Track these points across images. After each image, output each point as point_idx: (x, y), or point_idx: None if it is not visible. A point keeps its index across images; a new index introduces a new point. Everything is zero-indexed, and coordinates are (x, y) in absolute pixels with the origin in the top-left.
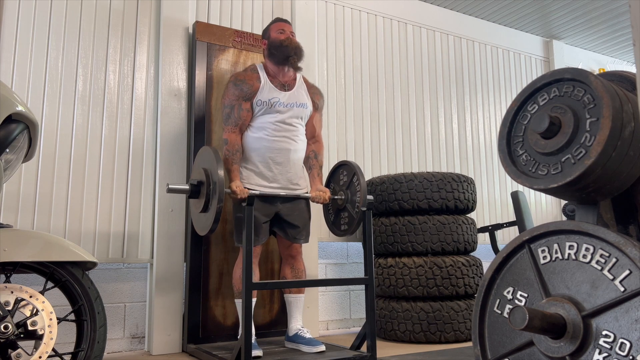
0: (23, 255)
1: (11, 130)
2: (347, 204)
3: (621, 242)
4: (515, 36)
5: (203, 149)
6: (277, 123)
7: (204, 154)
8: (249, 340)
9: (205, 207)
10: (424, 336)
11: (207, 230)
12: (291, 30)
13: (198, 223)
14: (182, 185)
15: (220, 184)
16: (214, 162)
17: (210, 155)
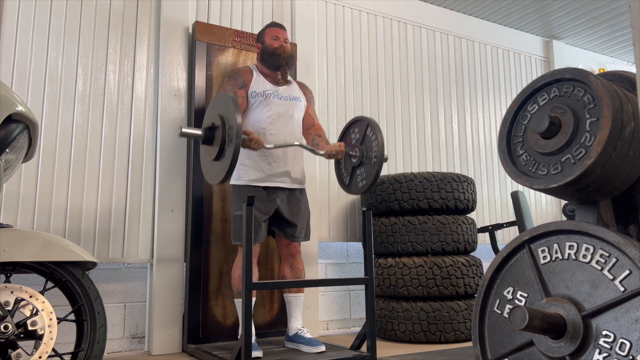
0: (23, 255)
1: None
2: (364, 158)
3: (621, 242)
4: (515, 36)
5: (219, 94)
6: (273, 116)
7: (220, 100)
8: (249, 340)
9: (220, 155)
10: (424, 336)
11: (219, 179)
12: (285, 37)
13: (210, 171)
14: (196, 130)
15: (238, 129)
16: (232, 107)
17: (227, 101)
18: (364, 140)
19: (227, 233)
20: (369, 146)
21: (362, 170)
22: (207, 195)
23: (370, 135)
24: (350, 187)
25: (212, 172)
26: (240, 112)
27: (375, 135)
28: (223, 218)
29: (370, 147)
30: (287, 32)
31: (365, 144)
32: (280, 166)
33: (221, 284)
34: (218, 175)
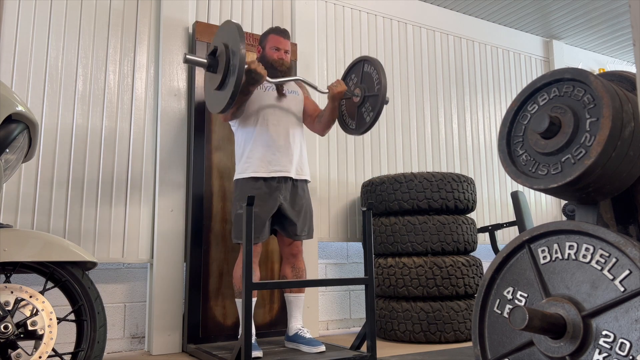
0: (23, 255)
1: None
2: (366, 93)
3: (621, 242)
4: (515, 36)
5: (225, 23)
6: (273, 107)
7: (226, 28)
8: (249, 340)
9: (222, 83)
10: (424, 336)
11: (220, 108)
12: (287, 47)
13: (212, 101)
14: (200, 58)
15: (241, 59)
16: (237, 36)
17: (233, 30)
18: (363, 79)
19: (227, 233)
20: (369, 82)
21: (367, 105)
22: (207, 195)
23: (370, 71)
24: (358, 127)
25: (213, 101)
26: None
27: (376, 69)
28: (223, 218)
29: (372, 81)
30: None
31: (366, 82)
32: (284, 155)
33: (221, 284)
34: (219, 105)
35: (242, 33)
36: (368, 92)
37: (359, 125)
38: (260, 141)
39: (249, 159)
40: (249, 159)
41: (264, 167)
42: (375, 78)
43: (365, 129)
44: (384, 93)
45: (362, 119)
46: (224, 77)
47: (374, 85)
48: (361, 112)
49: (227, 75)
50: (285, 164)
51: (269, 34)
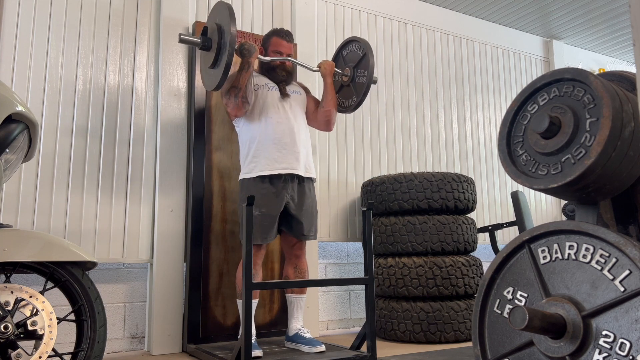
0: (23, 255)
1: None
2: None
3: (621, 242)
4: (515, 36)
5: (217, 3)
6: (277, 104)
7: (218, 8)
8: (249, 340)
9: (215, 61)
10: (424, 336)
11: (214, 85)
12: (289, 52)
13: (206, 78)
14: (194, 37)
15: (232, 38)
16: (227, 17)
17: (224, 10)
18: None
19: (227, 233)
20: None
21: (360, 71)
22: (207, 195)
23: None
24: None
25: (208, 78)
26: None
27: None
28: (223, 218)
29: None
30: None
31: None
32: (291, 153)
33: (221, 284)
34: (213, 83)
35: (233, 12)
36: (356, 71)
37: (358, 91)
38: (265, 140)
39: (255, 158)
40: (255, 158)
41: (271, 165)
42: (357, 48)
43: (365, 90)
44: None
45: (359, 84)
46: (216, 55)
47: (359, 54)
48: (356, 82)
49: (219, 52)
50: (291, 161)
51: (272, 36)
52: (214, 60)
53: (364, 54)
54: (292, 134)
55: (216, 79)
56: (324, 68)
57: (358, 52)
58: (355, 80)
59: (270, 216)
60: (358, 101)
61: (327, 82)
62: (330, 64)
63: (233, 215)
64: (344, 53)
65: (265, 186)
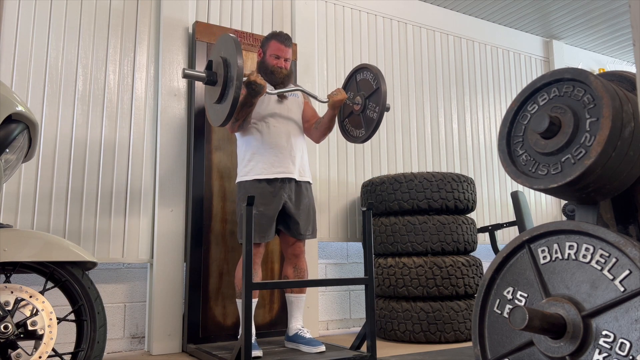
0: (23, 255)
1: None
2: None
3: (621, 242)
4: (515, 36)
5: (222, 36)
6: (274, 109)
7: (223, 41)
8: (249, 340)
9: (221, 97)
10: (424, 336)
11: (221, 121)
12: (287, 56)
13: (212, 114)
14: (198, 72)
15: (239, 70)
16: (234, 49)
17: (230, 43)
18: (359, 87)
19: (227, 233)
20: (367, 86)
21: (370, 104)
22: (207, 195)
23: (365, 77)
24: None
25: (214, 114)
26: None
27: (367, 71)
28: (223, 218)
29: (369, 83)
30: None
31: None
32: (287, 157)
33: (221, 284)
34: (219, 118)
35: (239, 45)
36: (368, 97)
37: (368, 125)
38: (262, 144)
39: (251, 161)
40: (250, 161)
41: (267, 169)
42: (371, 78)
43: (375, 126)
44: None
45: (370, 118)
46: (223, 90)
47: (373, 85)
48: (366, 115)
49: (226, 87)
50: (287, 165)
51: (271, 40)
52: (220, 95)
53: (377, 87)
54: (289, 138)
55: (223, 114)
56: (334, 101)
57: (371, 82)
58: (366, 112)
59: (267, 216)
60: (367, 136)
61: (331, 114)
62: (341, 100)
63: (233, 215)
64: (358, 78)
65: (262, 186)
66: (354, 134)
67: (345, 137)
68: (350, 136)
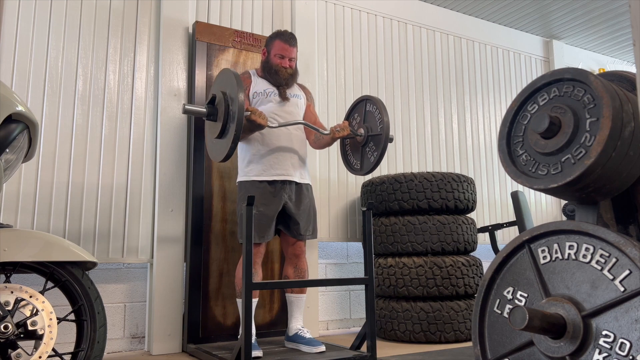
0: (23, 255)
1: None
2: (370, 133)
3: (621, 242)
4: (515, 36)
5: (223, 70)
6: (275, 111)
7: (224, 76)
8: (249, 340)
9: (222, 132)
10: (424, 336)
11: (222, 157)
12: (291, 56)
13: (213, 149)
14: (199, 107)
15: (240, 107)
16: (235, 84)
17: (230, 78)
18: (365, 118)
19: (227, 233)
20: (372, 121)
21: (371, 144)
22: (207, 195)
23: (372, 110)
24: (362, 169)
25: (215, 149)
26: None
27: (377, 107)
28: (223, 218)
29: (374, 120)
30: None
31: (369, 121)
32: (287, 159)
33: (221, 284)
34: (220, 154)
35: (240, 80)
36: (371, 131)
37: (364, 165)
38: (263, 145)
39: (251, 162)
40: (250, 162)
41: (267, 171)
42: (377, 117)
43: (370, 169)
44: (387, 132)
45: (367, 158)
46: (224, 125)
47: (377, 125)
48: (365, 152)
49: (227, 123)
50: (287, 167)
51: (275, 39)
52: (221, 130)
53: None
54: (290, 140)
55: (224, 150)
56: (335, 136)
57: (376, 120)
58: (366, 150)
59: (267, 216)
60: (364, 173)
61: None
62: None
63: (233, 215)
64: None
65: (262, 186)
66: (350, 161)
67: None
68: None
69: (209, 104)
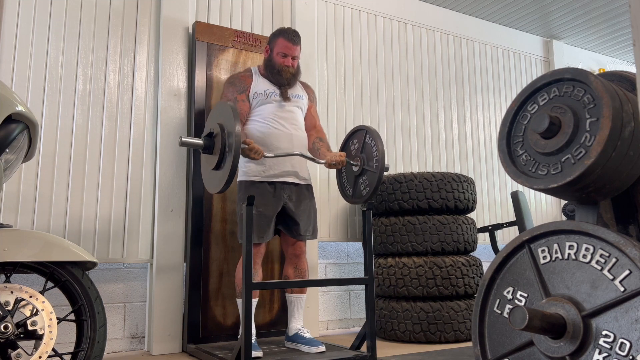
0: (23, 255)
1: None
2: (365, 166)
3: (621, 242)
4: (515, 36)
5: (219, 103)
6: (276, 112)
7: (220, 108)
8: (249, 340)
9: (219, 164)
10: (424, 336)
11: (219, 188)
12: (294, 54)
13: (210, 181)
14: (196, 139)
15: (237, 139)
16: (231, 116)
17: (227, 110)
18: (363, 148)
19: (227, 233)
20: (369, 154)
21: (365, 178)
22: (207, 195)
23: (370, 143)
24: (353, 197)
25: (212, 181)
26: (240, 119)
27: (375, 142)
28: (223, 218)
29: (371, 155)
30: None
31: (366, 152)
32: (287, 160)
33: (221, 284)
34: (218, 185)
35: (237, 113)
36: (367, 164)
37: (355, 194)
38: (263, 146)
39: (251, 162)
40: (250, 162)
41: (266, 171)
42: (374, 153)
43: (361, 202)
44: (380, 173)
45: (359, 190)
46: (220, 157)
47: (373, 159)
48: (358, 183)
49: (223, 155)
50: (287, 168)
51: (279, 37)
52: (218, 162)
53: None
54: (291, 142)
55: (221, 181)
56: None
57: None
58: (360, 182)
59: (266, 216)
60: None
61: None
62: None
63: (233, 215)
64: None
65: (262, 186)
66: (345, 186)
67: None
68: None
69: (206, 137)
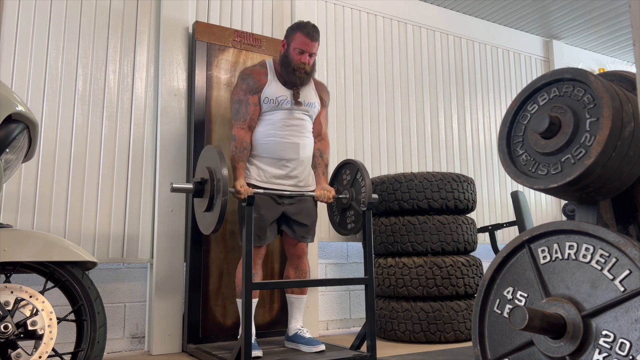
0: (23, 255)
1: (11, 130)
2: (352, 202)
3: (621, 242)
4: (515, 36)
5: (206, 148)
6: (286, 119)
7: (208, 152)
8: (249, 340)
9: (210, 206)
10: (424, 336)
11: (211, 229)
12: (312, 50)
13: (202, 222)
14: (186, 185)
15: (224, 183)
16: (218, 161)
17: (214, 154)
18: (353, 183)
19: (227, 233)
20: (357, 189)
21: (352, 213)
22: None
23: (359, 180)
24: (339, 226)
25: (204, 222)
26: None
27: (364, 180)
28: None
29: (359, 190)
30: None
31: (355, 187)
32: (290, 171)
33: (221, 284)
34: (209, 226)
35: (222, 155)
36: (354, 199)
37: (341, 226)
38: (268, 152)
39: (256, 167)
40: (252, 166)
41: (269, 180)
42: (362, 191)
43: (345, 233)
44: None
45: (345, 222)
46: (210, 200)
47: (360, 196)
48: (345, 216)
49: (213, 197)
50: (291, 178)
51: (297, 31)
52: (208, 204)
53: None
54: (297, 149)
55: (212, 223)
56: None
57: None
58: (347, 215)
59: (266, 219)
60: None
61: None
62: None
63: (233, 215)
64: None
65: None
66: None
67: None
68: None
69: (196, 182)
